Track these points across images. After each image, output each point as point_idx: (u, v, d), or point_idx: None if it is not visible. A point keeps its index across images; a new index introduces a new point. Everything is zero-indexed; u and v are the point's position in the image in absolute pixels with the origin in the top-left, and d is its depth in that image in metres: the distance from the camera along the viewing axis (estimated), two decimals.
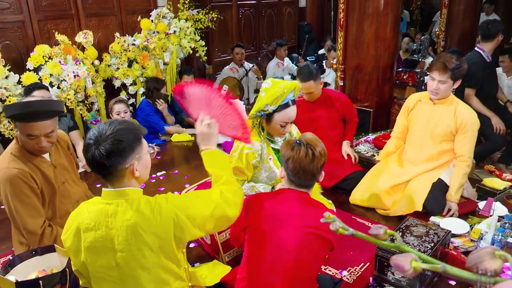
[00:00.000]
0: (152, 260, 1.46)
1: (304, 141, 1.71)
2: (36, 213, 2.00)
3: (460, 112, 2.59)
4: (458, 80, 2.59)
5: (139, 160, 1.46)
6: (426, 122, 2.73)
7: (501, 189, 2.79)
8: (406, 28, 8.40)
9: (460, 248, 2.24)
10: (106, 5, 4.52)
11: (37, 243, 2.02)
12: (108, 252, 1.45)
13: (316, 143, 1.71)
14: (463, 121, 2.57)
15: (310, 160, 1.67)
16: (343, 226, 0.85)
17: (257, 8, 6.76)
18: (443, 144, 2.69)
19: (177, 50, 4.90)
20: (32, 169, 1.99)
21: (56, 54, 3.77)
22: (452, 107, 2.63)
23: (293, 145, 1.71)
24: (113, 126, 1.42)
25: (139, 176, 1.48)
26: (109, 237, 1.43)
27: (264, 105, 2.21)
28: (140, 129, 1.50)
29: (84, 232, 1.46)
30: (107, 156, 1.37)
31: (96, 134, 1.40)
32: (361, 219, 2.80)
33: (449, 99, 2.66)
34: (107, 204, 1.45)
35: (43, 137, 1.95)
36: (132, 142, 1.42)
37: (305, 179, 1.72)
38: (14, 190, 1.93)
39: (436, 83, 2.59)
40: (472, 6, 5.78)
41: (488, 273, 0.67)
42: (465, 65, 2.60)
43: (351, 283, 2.17)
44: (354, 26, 3.86)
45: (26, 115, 1.90)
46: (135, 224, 1.41)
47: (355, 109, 3.39)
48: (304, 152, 1.68)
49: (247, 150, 2.27)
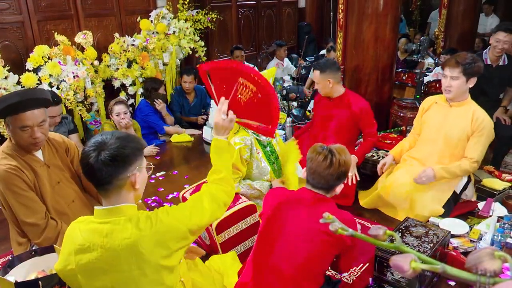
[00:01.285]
0: (153, 279, 1.41)
1: (330, 147, 1.77)
2: (34, 205, 2.00)
3: (479, 115, 2.56)
4: (471, 77, 2.53)
5: (140, 171, 1.42)
6: (440, 124, 2.70)
7: (501, 189, 2.80)
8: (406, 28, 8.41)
9: (459, 248, 2.25)
10: (105, 5, 4.52)
11: (38, 236, 2.01)
12: (105, 273, 1.38)
13: (340, 152, 1.75)
14: (482, 124, 2.54)
15: (327, 165, 1.72)
16: (342, 227, 0.85)
17: (256, 9, 6.76)
18: (456, 148, 2.65)
19: (176, 51, 4.90)
20: (23, 165, 2.00)
21: (55, 54, 3.77)
22: (470, 111, 2.59)
23: (319, 149, 1.78)
24: (117, 134, 1.40)
25: (137, 189, 1.43)
26: (106, 259, 1.36)
27: None
28: (141, 141, 1.48)
29: (77, 255, 1.38)
30: (111, 160, 1.32)
31: (98, 141, 1.36)
32: (360, 219, 2.80)
33: (465, 102, 2.62)
34: (102, 223, 1.38)
35: (36, 127, 1.97)
36: (135, 151, 1.39)
37: (318, 182, 1.77)
38: (7, 185, 1.94)
39: (448, 80, 2.56)
40: (471, 7, 5.77)
41: (488, 273, 0.67)
42: (479, 62, 2.54)
43: (351, 284, 2.17)
44: (354, 26, 3.86)
45: (15, 107, 1.90)
46: (136, 242, 1.34)
47: (374, 124, 3.13)
48: (324, 156, 1.73)
49: (239, 146, 2.31)
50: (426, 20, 8.31)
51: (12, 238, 2.14)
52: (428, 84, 4.70)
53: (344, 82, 4.13)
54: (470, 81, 2.55)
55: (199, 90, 4.86)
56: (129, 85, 4.41)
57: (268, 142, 2.55)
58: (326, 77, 3.01)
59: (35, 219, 1.99)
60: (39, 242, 2.02)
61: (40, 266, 1.87)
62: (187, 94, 4.77)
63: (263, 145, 2.51)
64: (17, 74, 3.54)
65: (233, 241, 2.25)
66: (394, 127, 3.97)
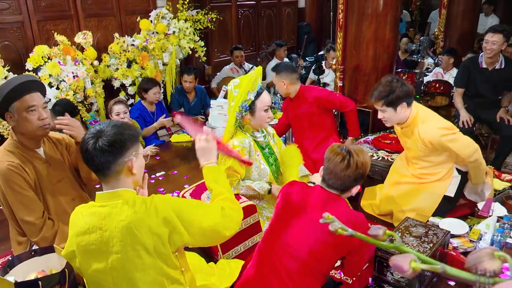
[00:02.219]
0: (148, 262, 1.44)
1: (349, 148, 1.75)
2: (32, 204, 2.00)
3: (424, 136, 2.50)
4: (398, 104, 2.47)
5: (137, 157, 1.48)
6: (405, 145, 2.74)
7: (500, 189, 2.80)
8: (406, 28, 8.41)
9: (459, 248, 2.25)
10: (105, 5, 4.52)
11: (36, 234, 2.02)
12: (103, 255, 1.44)
13: (359, 153, 1.73)
14: (432, 141, 2.48)
15: (345, 166, 1.70)
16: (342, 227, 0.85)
17: (256, 9, 6.76)
18: (432, 155, 2.61)
19: (176, 51, 4.90)
20: (24, 162, 2.00)
21: (55, 54, 3.77)
22: (415, 131, 2.54)
23: (337, 150, 1.75)
24: (113, 123, 1.48)
25: (135, 174, 1.49)
26: (104, 240, 1.43)
27: (246, 94, 2.34)
28: (137, 128, 1.53)
29: (78, 236, 1.46)
30: (108, 146, 1.40)
31: (97, 129, 1.45)
32: None
33: (408, 123, 2.57)
34: (101, 206, 1.45)
35: (41, 108, 1.99)
36: (132, 137, 1.47)
37: (334, 183, 1.75)
38: (7, 182, 1.94)
39: (379, 113, 2.58)
40: (471, 7, 5.77)
41: (487, 273, 0.67)
42: (401, 86, 2.46)
43: (351, 284, 2.17)
44: (353, 26, 3.86)
45: (20, 88, 1.92)
46: (130, 223, 1.41)
47: (337, 98, 3.33)
48: (342, 157, 1.71)
49: (237, 148, 2.32)
50: (426, 20, 8.31)
51: (12, 237, 2.15)
52: (427, 84, 4.70)
53: (344, 82, 4.14)
54: (400, 108, 2.49)
55: (199, 90, 4.86)
56: (129, 85, 4.42)
57: (267, 144, 2.55)
58: (281, 79, 3.26)
59: (33, 218, 2.00)
60: (36, 240, 2.03)
61: (40, 266, 1.87)
62: (188, 93, 4.77)
63: (262, 147, 2.52)
64: (17, 74, 3.54)
65: (233, 241, 2.25)
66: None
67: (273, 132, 2.71)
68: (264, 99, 2.41)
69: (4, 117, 1.98)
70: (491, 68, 3.65)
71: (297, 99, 3.33)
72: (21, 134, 2.01)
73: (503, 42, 3.49)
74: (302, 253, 1.69)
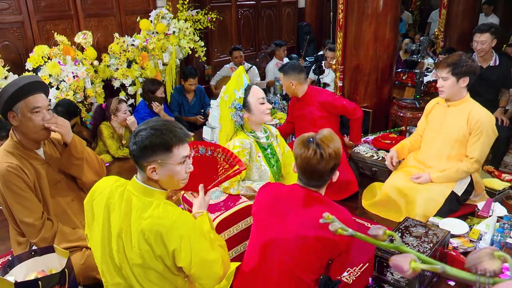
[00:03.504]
0: (152, 264, 1.47)
1: (316, 139, 1.63)
2: (31, 205, 2.00)
3: (475, 114, 2.55)
4: (461, 77, 2.53)
5: (161, 166, 1.48)
6: (439, 124, 2.72)
7: (500, 189, 2.80)
8: (406, 29, 8.41)
9: (459, 248, 2.24)
10: (105, 5, 4.52)
11: (35, 235, 2.01)
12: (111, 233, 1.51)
13: (328, 143, 1.62)
14: (478, 123, 2.53)
15: (318, 160, 1.60)
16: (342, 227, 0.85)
17: (256, 9, 6.76)
18: (455, 148, 2.66)
19: (176, 51, 4.90)
20: (24, 163, 1.99)
21: (55, 54, 3.77)
22: (466, 110, 2.59)
23: (303, 143, 1.65)
24: (155, 124, 1.50)
25: (158, 180, 1.51)
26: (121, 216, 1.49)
27: (233, 92, 2.37)
28: (175, 138, 1.48)
29: (101, 199, 1.54)
30: (134, 145, 1.47)
31: (142, 128, 1.50)
32: (360, 219, 2.80)
33: (462, 101, 2.62)
34: (133, 194, 1.50)
35: (45, 110, 1.99)
36: (155, 146, 1.46)
37: (312, 179, 1.67)
38: (6, 183, 1.94)
39: (440, 81, 2.61)
40: (471, 7, 5.78)
41: (487, 273, 0.67)
42: (471, 62, 2.54)
43: (351, 284, 2.17)
44: (353, 26, 3.86)
45: (27, 87, 1.93)
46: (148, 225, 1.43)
47: (345, 105, 3.23)
48: (313, 151, 1.60)
49: (237, 149, 2.31)
50: (426, 20, 8.31)
51: (12, 237, 2.15)
52: (428, 84, 4.70)
53: (344, 82, 4.14)
54: (462, 81, 2.55)
55: (199, 89, 4.87)
56: (128, 85, 4.41)
57: (269, 144, 2.54)
58: (288, 79, 3.22)
59: (32, 219, 1.99)
60: (36, 242, 2.03)
61: (40, 266, 1.87)
62: (187, 93, 4.77)
63: (264, 148, 2.50)
64: (17, 74, 3.55)
65: (233, 241, 2.25)
66: (394, 127, 3.97)
67: (276, 133, 2.68)
68: (255, 92, 2.40)
69: (6, 116, 1.96)
70: (486, 66, 3.65)
71: (304, 100, 3.29)
72: (22, 134, 2.01)
73: (492, 39, 3.51)
74: (288, 262, 1.62)
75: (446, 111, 2.70)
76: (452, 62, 2.53)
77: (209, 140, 4.17)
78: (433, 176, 2.66)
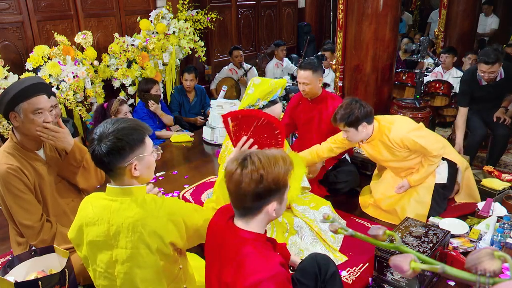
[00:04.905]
0: (149, 260, 1.47)
1: (254, 157, 1.31)
2: (31, 207, 1.99)
3: (392, 138, 2.58)
4: (359, 124, 2.52)
5: (140, 160, 1.48)
6: (382, 158, 2.75)
7: (500, 189, 2.80)
8: (406, 30, 8.41)
9: (459, 248, 2.24)
10: (105, 5, 4.52)
11: (34, 237, 2.01)
12: (108, 248, 1.48)
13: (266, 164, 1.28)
14: (402, 141, 2.56)
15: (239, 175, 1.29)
16: (342, 227, 0.85)
17: (256, 9, 6.76)
18: (406, 164, 2.70)
19: (176, 51, 4.90)
20: (24, 165, 1.99)
21: (55, 54, 3.77)
22: (385, 139, 2.61)
23: (238, 159, 1.34)
24: (117, 124, 1.46)
25: (139, 176, 1.50)
26: (110, 234, 1.47)
27: (255, 100, 2.26)
28: (144, 129, 1.51)
29: (87, 227, 1.50)
30: (107, 153, 1.41)
31: (100, 131, 1.45)
32: (360, 219, 2.80)
33: (375, 137, 2.65)
34: (111, 200, 1.49)
35: (47, 111, 1.99)
36: (132, 142, 1.44)
37: (238, 206, 1.35)
38: (6, 185, 1.93)
39: (345, 134, 2.63)
40: (471, 7, 5.78)
41: (487, 273, 0.67)
42: (358, 107, 2.50)
43: (350, 284, 2.17)
44: (353, 26, 3.86)
45: (32, 89, 1.93)
46: (137, 221, 1.44)
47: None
48: (239, 166, 1.30)
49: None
50: (426, 20, 8.31)
51: (11, 238, 2.14)
52: (427, 84, 4.70)
53: (344, 82, 4.14)
54: (362, 127, 2.55)
55: (199, 89, 4.87)
56: (128, 85, 4.41)
57: None
58: (318, 77, 3.01)
59: (31, 221, 1.99)
60: (35, 243, 2.02)
61: (40, 266, 1.87)
62: (188, 92, 4.77)
63: None
64: (17, 74, 3.54)
65: None
66: None
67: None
68: (274, 110, 2.28)
69: (7, 116, 1.96)
70: (493, 84, 3.61)
71: (320, 101, 3.12)
72: (23, 135, 2.00)
73: (500, 66, 3.45)
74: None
75: (371, 147, 2.74)
76: (341, 118, 2.52)
77: (209, 140, 4.17)
78: (410, 180, 2.70)
